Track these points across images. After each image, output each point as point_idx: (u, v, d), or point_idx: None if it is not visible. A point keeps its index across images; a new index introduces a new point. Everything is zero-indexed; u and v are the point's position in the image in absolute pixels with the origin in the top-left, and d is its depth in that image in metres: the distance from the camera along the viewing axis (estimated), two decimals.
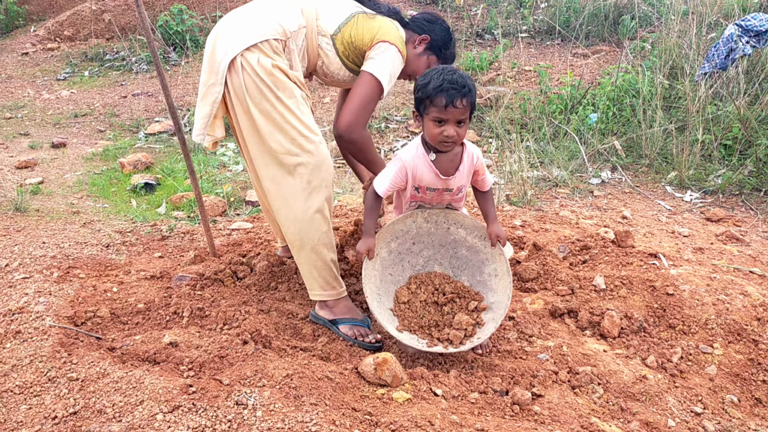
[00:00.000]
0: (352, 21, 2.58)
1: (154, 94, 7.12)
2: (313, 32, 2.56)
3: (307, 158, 2.45)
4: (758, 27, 5.26)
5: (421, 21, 2.80)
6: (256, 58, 2.37)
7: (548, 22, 7.35)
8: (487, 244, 2.58)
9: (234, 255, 3.25)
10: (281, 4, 2.55)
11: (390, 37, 2.57)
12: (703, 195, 4.43)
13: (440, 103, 2.21)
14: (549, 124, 5.36)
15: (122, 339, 2.44)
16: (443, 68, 2.26)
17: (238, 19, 2.49)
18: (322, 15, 2.58)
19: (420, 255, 2.69)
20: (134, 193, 4.53)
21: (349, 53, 2.61)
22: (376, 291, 2.54)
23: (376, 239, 2.58)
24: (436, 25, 2.80)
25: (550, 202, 4.32)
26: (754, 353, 2.51)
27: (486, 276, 2.57)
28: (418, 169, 2.43)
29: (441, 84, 2.20)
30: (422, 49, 2.78)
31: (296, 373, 2.12)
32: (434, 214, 2.65)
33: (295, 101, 2.44)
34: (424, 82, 2.26)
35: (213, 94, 2.46)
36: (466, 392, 2.23)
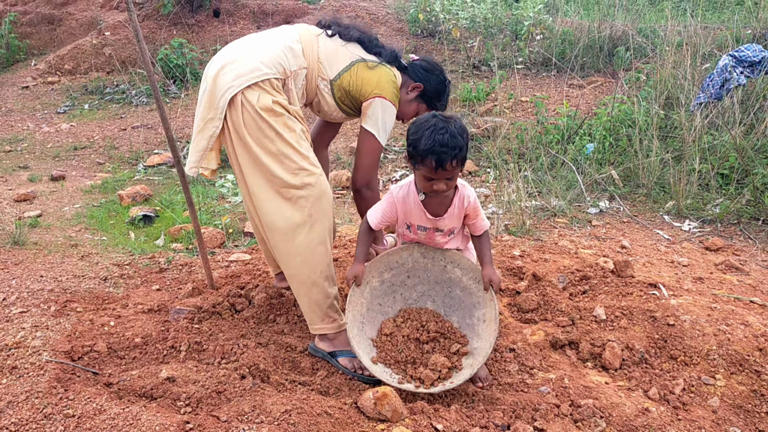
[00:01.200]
0: (352, 69, 2.65)
1: (154, 127, 7.16)
2: (313, 74, 2.63)
3: (308, 191, 2.46)
4: (752, 57, 5.33)
5: (418, 68, 2.87)
6: (256, 96, 2.40)
7: (544, 54, 7.44)
8: (481, 287, 2.56)
9: (232, 287, 3.24)
10: (283, 41, 2.57)
11: (387, 92, 2.67)
12: (701, 224, 4.43)
13: (430, 164, 2.23)
14: (546, 154, 5.38)
15: (119, 374, 2.42)
16: (434, 125, 2.23)
17: (239, 54, 2.50)
18: (323, 59, 2.64)
19: (414, 289, 2.69)
20: (133, 225, 4.52)
21: (345, 99, 2.70)
22: (360, 318, 2.54)
23: (370, 267, 2.60)
24: (433, 75, 2.86)
25: (548, 232, 4.32)
26: (756, 384, 2.49)
27: (475, 320, 2.55)
28: (408, 207, 2.47)
29: (431, 146, 2.20)
30: (414, 96, 2.86)
31: (295, 408, 2.09)
32: (431, 250, 2.66)
33: (294, 135, 2.46)
34: (415, 138, 2.26)
35: (211, 128, 2.48)
36: (467, 427, 2.20)
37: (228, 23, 9.34)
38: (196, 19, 9.45)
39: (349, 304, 2.50)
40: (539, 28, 7.67)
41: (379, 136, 2.68)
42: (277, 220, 2.49)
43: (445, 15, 8.09)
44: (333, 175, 5.44)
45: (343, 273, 3.45)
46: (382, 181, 5.47)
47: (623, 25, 7.32)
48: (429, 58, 2.95)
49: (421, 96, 2.88)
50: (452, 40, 8.05)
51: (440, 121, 2.25)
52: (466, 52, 7.83)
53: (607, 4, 7.99)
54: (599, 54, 7.20)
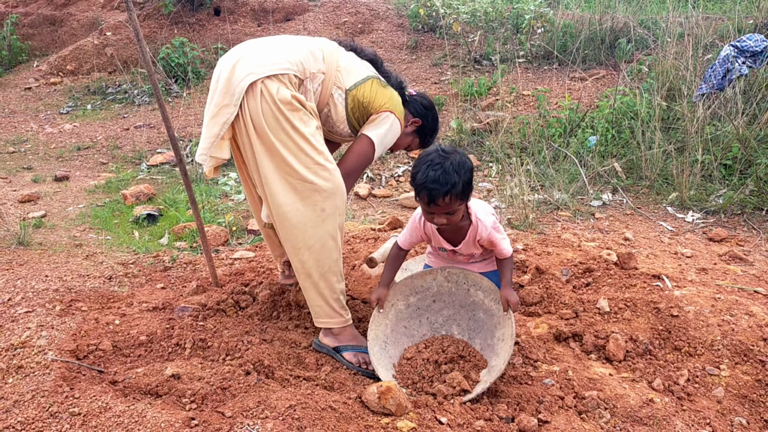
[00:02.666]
0: (368, 83, 2.65)
1: (156, 126, 7.18)
2: (330, 81, 2.60)
3: (322, 185, 2.47)
4: (754, 47, 5.31)
5: (419, 104, 2.90)
6: (276, 87, 2.39)
7: (545, 47, 7.42)
8: (501, 308, 2.57)
9: (236, 284, 3.25)
10: (304, 44, 2.59)
11: (397, 110, 2.69)
12: (704, 215, 4.42)
13: (423, 199, 2.29)
14: (548, 148, 5.38)
15: (124, 372, 2.43)
16: (432, 160, 2.27)
17: (262, 48, 2.52)
18: (342, 68, 2.63)
19: (440, 314, 2.73)
20: (137, 224, 4.54)
21: (356, 111, 2.66)
22: (383, 338, 2.60)
23: (395, 290, 2.69)
24: (430, 113, 2.93)
25: (551, 225, 4.32)
26: (761, 374, 2.49)
27: (496, 340, 2.55)
28: (429, 230, 2.59)
29: (423, 182, 2.25)
30: (411, 130, 2.90)
31: (299, 403, 2.10)
32: (454, 273, 2.71)
33: (311, 130, 2.46)
34: (414, 171, 2.33)
35: (225, 114, 2.44)
36: (471, 420, 2.20)
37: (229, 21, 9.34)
38: (197, 18, 9.46)
39: (372, 323, 2.59)
40: (540, 22, 7.64)
41: (376, 146, 2.64)
42: (289, 212, 2.48)
43: (446, 10, 8.08)
44: None
45: (347, 269, 3.46)
46: (385, 177, 5.48)
47: (624, 17, 7.30)
48: (426, 95, 3.00)
49: (418, 131, 2.93)
50: (453, 34, 8.04)
51: (438, 156, 2.29)
52: (467, 46, 7.82)
53: None
54: (601, 46, 7.18)
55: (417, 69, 7.78)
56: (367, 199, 5.07)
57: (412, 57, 8.15)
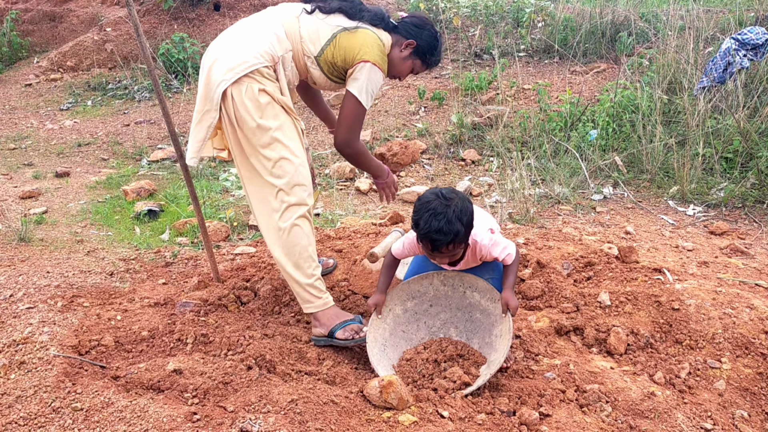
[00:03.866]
0: (333, 41, 2.68)
1: (157, 122, 7.17)
2: (299, 54, 2.70)
3: (287, 180, 2.59)
4: (755, 40, 5.29)
5: (409, 25, 2.87)
6: (244, 86, 2.52)
7: (546, 41, 7.40)
8: (498, 306, 2.59)
9: (238, 280, 3.25)
10: (269, 28, 2.66)
11: (371, 56, 2.68)
12: (705, 208, 4.42)
13: (426, 247, 2.37)
14: (549, 142, 5.37)
15: (126, 367, 2.44)
16: (434, 209, 2.30)
17: (230, 46, 2.61)
18: (305, 37, 2.69)
19: (437, 317, 2.75)
20: (138, 220, 4.54)
21: (332, 70, 2.75)
22: (382, 341, 2.63)
23: (392, 295, 2.74)
24: (424, 30, 2.87)
25: (552, 219, 4.32)
26: (762, 367, 2.49)
27: (493, 337, 2.57)
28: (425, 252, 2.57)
29: (427, 232, 2.29)
30: (408, 53, 2.86)
31: (301, 398, 2.11)
32: (450, 277, 2.75)
33: (278, 124, 2.57)
34: (416, 219, 2.36)
35: (208, 119, 2.62)
36: (473, 413, 2.21)
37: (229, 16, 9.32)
38: (197, 13, 9.44)
39: (370, 327, 2.64)
40: (541, 15, 7.62)
41: (361, 99, 2.69)
42: (259, 205, 2.65)
43: (446, 3, 8.06)
44: (336, 167, 5.44)
45: (348, 264, 3.46)
46: None
47: (625, 11, 7.27)
48: (418, 13, 2.98)
49: (415, 52, 2.89)
50: (453, 28, 8.02)
51: (441, 204, 2.31)
52: (467, 40, 7.80)
53: None
54: (601, 40, 7.16)
55: None
56: (368, 194, 5.07)
57: None
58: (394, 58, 2.84)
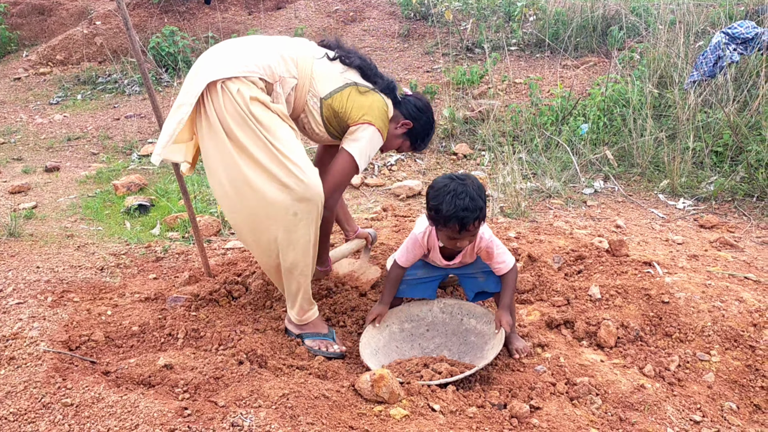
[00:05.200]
0: (344, 91, 2.60)
1: (147, 116, 7.13)
2: (304, 89, 2.58)
3: (294, 187, 2.40)
4: (745, 34, 5.31)
5: (412, 106, 2.83)
6: (236, 87, 2.37)
7: (537, 35, 7.41)
8: (493, 326, 2.61)
9: (229, 274, 3.24)
10: (279, 50, 2.55)
11: (377, 121, 2.62)
12: (695, 202, 4.44)
13: (453, 228, 2.34)
14: (541, 136, 5.38)
15: (117, 362, 2.43)
16: (454, 190, 2.31)
17: (231, 50, 2.51)
18: (317, 76, 2.59)
19: (432, 341, 2.78)
20: (128, 215, 4.52)
21: (332, 120, 2.63)
22: (375, 348, 2.65)
23: (391, 314, 2.78)
24: (423, 116, 2.85)
25: (543, 213, 4.33)
26: (751, 359, 2.51)
27: (485, 352, 2.57)
28: (431, 245, 2.63)
29: (454, 212, 2.29)
30: (402, 132, 2.83)
31: (292, 392, 2.11)
32: (450, 305, 2.81)
33: (283, 131, 2.42)
34: (436, 204, 2.34)
35: (180, 113, 2.43)
36: (464, 407, 2.22)
37: (219, 10, 9.27)
38: (187, 7, 9.38)
39: (365, 334, 2.68)
40: (532, 9, 7.62)
41: (358, 161, 2.59)
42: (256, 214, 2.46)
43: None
44: None
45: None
46: (377, 166, 5.47)
47: (616, 5, 7.29)
48: (422, 96, 2.93)
49: (408, 133, 2.86)
50: (445, 22, 8.01)
51: (459, 184, 2.33)
52: (459, 34, 7.79)
53: None
54: (592, 34, 7.18)
55: (409, 57, 7.76)
56: (359, 188, 5.07)
57: (404, 45, 8.12)
58: (389, 131, 2.79)
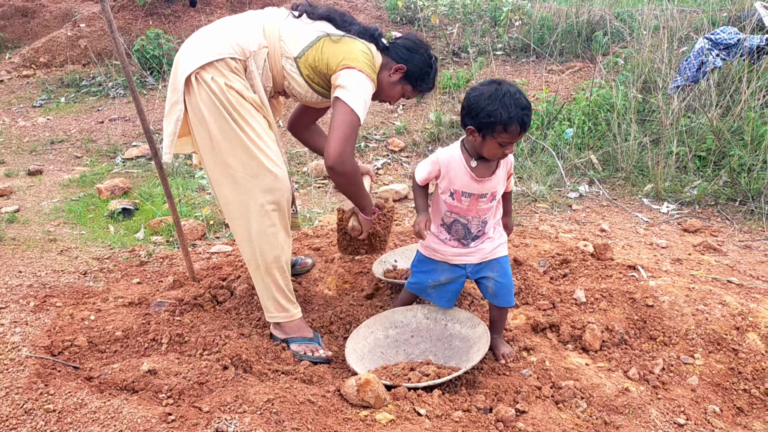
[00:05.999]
0: (317, 45, 2.52)
1: (132, 119, 7.08)
2: (275, 53, 2.53)
3: (263, 180, 2.46)
4: (727, 40, 5.37)
5: (401, 48, 2.68)
6: (210, 76, 2.38)
7: (522, 40, 7.45)
8: (477, 330, 2.61)
9: (214, 279, 3.22)
10: (242, 23, 2.55)
11: (356, 63, 2.47)
12: (679, 206, 4.48)
13: (515, 131, 2.21)
14: (526, 140, 5.40)
15: (100, 368, 2.40)
16: (506, 91, 2.20)
17: (200, 38, 2.52)
18: (285, 37, 2.53)
19: (417, 347, 2.76)
20: (112, 218, 4.48)
21: (314, 77, 2.56)
22: (361, 353, 2.64)
23: (375, 321, 2.79)
24: (417, 55, 2.68)
25: (529, 217, 4.35)
26: (734, 362, 2.53)
27: (471, 354, 2.56)
28: (452, 170, 2.42)
29: (516, 113, 2.17)
30: (397, 78, 2.68)
31: (277, 397, 2.09)
32: (434, 311, 2.79)
33: (248, 123, 2.44)
34: (491, 109, 2.19)
35: (175, 112, 2.47)
36: (449, 411, 2.21)
37: (205, 12, 9.24)
38: (173, 9, 9.34)
39: (350, 339, 2.67)
40: (518, 14, 7.67)
41: (353, 106, 2.41)
42: (231, 204, 2.52)
43: (424, 2, 8.07)
44: (314, 165, 5.42)
45: (326, 263, 3.45)
46: None
47: (601, 10, 7.34)
48: (412, 35, 2.76)
49: (406, 77, 2.69)
50: (431, 26, 8.03)
51: (507, 85, 2.22)
52: (445, 38, 7.81)
53: None
54: (577, 39, 7.22)
55: None
56: None
57: None
58: (383, 81, 2.65)
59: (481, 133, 2.27)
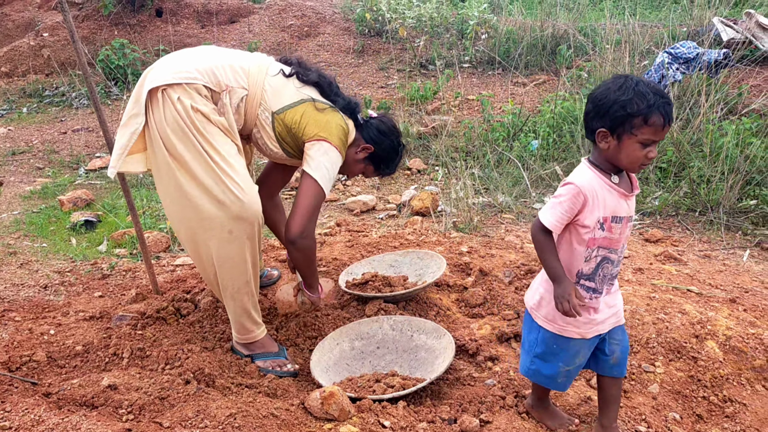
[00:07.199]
0: (299, 107, 2.51)
1: (95, 130, 6.98)
2: (255, 101, 2.49)
3: (229, 205, 2.35)
4: (687, 54, 5.52)
5: (374, 129, 2.73)
6: (177, 95, 2.32)
7: (489, 53, 7.54)
8: (443, 341, 2.63)
9: (178, 291, 3.18)
10: (229, 60, 2.49)
11: (333, 138, 2.50)
12: (641, 217, 4.56)
13: (658, 122, 1.83)
14: (493, 152, 5.46)
15: (59, 383, 2.35)
16: (638, 80, 1.85)
17: (177, 58, 2.46)
18: (269, 89, 2.50)
19: (383, 358, 2.76)
20: (74, 231, 4.40)
21: (285, 136, 2.54)
22: (326, 366, 2.62)
23: (340, 332, 2.77)
24: (387, 139, 2.74)
25: (495, 228, 4.38)
26: (693, 370, 2.58)
27: (436, 366, 2.56)
28: (599, 195, 1.94)
29: (655, 101, 1.81)
30: (362, 156, 2.74)
31: (240, 411, 2.07)
32: (399, 321, 2.81)
33: (213, 146, 2.35)
34: (624, 98, 1.83)
35: (134, 124, 2.39)
36: (414, 422, 2.21)
37: (171, 23, 9.17)
38: (138, 19, 9.25)
39: (316, 352, 2.65)
40: (484, 28, 7.77)
41: (320, 181, 2.45)
42: (194, 230, 2.41)
43: (392, 14, 8.12)
44: None
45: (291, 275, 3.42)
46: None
47: (565, 25, 7.48)
48: (387, 118, 2.80)
49: (371, 158, 2.76)
50: (399, 39, 8.09)
51: (633, 77, 1.88)
52: (413, 51, 7.88)
53: (549, 3, 8.15)
54: (542, 52, 7.34)
55: (364, 73, 7.80)
56: None
57: (359, 61, 8.16)
58: (349, 156, 2.68)
59: (616, 133, 1.88)
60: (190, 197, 2.35)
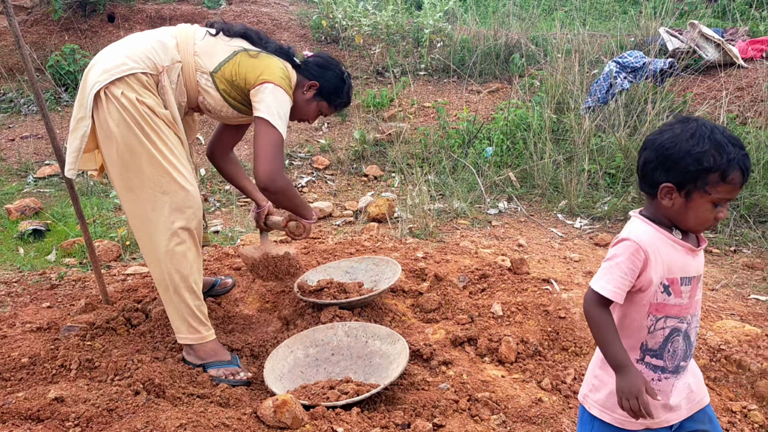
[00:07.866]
0: (234, 59, 2.56)
1: (44, 137, 6.80)
2: (190, 68, 2.54)
3: (173, 197, 2.43)
4: (634, 63, 5.68)
5: (312, 65, 2.77)
6: (119, 91, 2.36)
7: (444, 61, 7.62)
8: (397, 346, 2.64)
9: (128, 301, 3.12)
10: (154, 38, 2.53)
11: (274, 77, 2.54)
12: (591, 221, 4.67)
13: (737, 179, 1.54)
14: (448, 158, 5.52)
15: (3, 397, 2.29)
16: (711, 126, 1.55)
17: (109, 53, 2.48)
18: (200, 51, 2.55)
19: (338, 365, 2.76)
20: (22, 240, 4.29)
21: (230, 91, 2.58)
22: (280, 374, 2.60)
23: (295, 340, 2.76)
24: (328, 71, 2.78)
25: (451, 233, 4.43)
26: None
27: (390, 371, 2.58)
28: (661, 251, 1.61)
29: (735, 154, 1.52)
30: (311, 95, 2.77)
31: (190, 422, 2.05)
32: (354, 328, 2.81)
33: (160, 138, 2.42)
34: (699, 150, 1.52)
35: (82, 128, 2.43)
36: (368, 428, 2.22)
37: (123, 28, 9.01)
38: (90, 24, 9.06)
39: (270, 360, 2.63)
40: (439, 36, 7.85)
41: (274, 122, 2.46)
42: (138, 221, 2.47)
43: (348, 22, 8.14)
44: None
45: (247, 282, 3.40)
46: None
47: (517, 34, 7.61)
48: (323, 53, 2.86)
49: (320, 93, 2.78)
50: (356, 46, 8.11)
51: (701, 120, 1.58)
52: (369, 58, 7.91)
53: (502, 13, 8.28)
54: (496, 61, 7.45)
55: None
56: None
57: None
58: (298, 99, 2.73)
59: (685, 190, 1.57)
60: (137, 191, 2.42)
